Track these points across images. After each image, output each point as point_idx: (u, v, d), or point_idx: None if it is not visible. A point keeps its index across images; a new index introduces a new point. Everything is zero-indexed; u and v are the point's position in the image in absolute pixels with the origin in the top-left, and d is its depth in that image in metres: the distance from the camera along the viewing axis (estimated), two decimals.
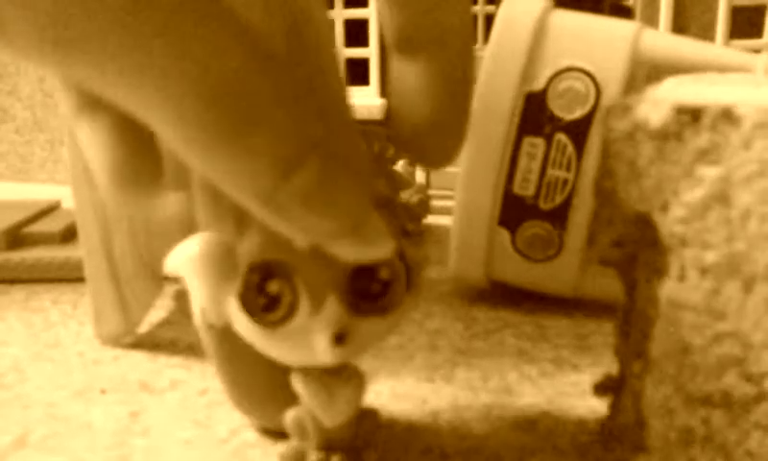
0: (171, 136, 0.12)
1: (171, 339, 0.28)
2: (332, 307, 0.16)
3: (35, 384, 0.24)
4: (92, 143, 0.17)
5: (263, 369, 0.18)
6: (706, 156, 0.14)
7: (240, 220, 0.16)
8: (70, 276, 0.36)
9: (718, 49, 0.32)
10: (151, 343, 0.28)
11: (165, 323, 0.30)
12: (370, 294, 0.16)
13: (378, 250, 0.14)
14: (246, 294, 0.15)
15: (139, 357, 0.27)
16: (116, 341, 0.28)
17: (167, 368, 0.26)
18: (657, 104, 0.14)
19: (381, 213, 0.15)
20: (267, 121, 0.12)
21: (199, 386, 0.24)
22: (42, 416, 0.22)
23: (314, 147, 0.12)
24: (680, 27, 0.53)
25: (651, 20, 0.50)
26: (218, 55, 0.11)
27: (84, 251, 0.27)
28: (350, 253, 0.14)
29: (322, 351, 0.16)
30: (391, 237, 0.15)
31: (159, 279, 0.32)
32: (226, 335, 0.18)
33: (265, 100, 0.12)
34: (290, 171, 0.12)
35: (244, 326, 0.16)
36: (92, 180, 0.25)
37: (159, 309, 0.31)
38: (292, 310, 0.15)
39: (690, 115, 0.14)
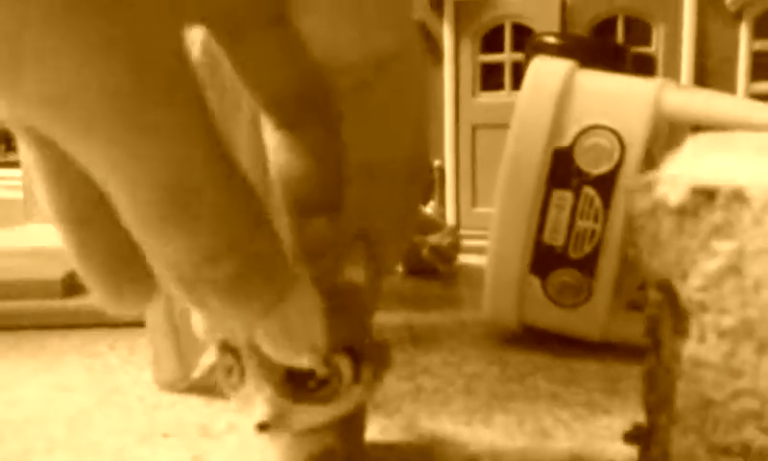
0: (123, 207, 0.13)
1: None
2: (267, 396, 0.18)
3: (102, 429, 0.26)
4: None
5: None
6: (720, 231, 0.16)
7: None
8: (125, 321, 0.38)
9: (739, 103, 0.34)
10: (204, 387, 0.30)
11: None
12: (306, 387, 0.18)
13: (303, 358, 0.16)
14: (217, 357, 0.19)
15: (195, 402, 0.28)
16: (173, 387, 0.30)
17: (223, 412, 0.27)
18: (675, 183, 0.16)
19: (343, 301, 0.17)
20: (200, 216, 0.13)
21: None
22: None
23: (232, 247, 0.13)
24: (701, 65, 0.54)
25: (673, 66, 0.52)
26: (182, 155, 0.13)
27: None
28: (277, 356, 0.16)
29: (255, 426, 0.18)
30: (324, 341, 0.16)
31: None
32: None
33: (207, 197, 0.13)
34: (206, 264, 0.13)
35: None
36: None
37: (210, 354, 0.33)
38: (239, 383, 0.19)
39: (705, 195, 0.16)
